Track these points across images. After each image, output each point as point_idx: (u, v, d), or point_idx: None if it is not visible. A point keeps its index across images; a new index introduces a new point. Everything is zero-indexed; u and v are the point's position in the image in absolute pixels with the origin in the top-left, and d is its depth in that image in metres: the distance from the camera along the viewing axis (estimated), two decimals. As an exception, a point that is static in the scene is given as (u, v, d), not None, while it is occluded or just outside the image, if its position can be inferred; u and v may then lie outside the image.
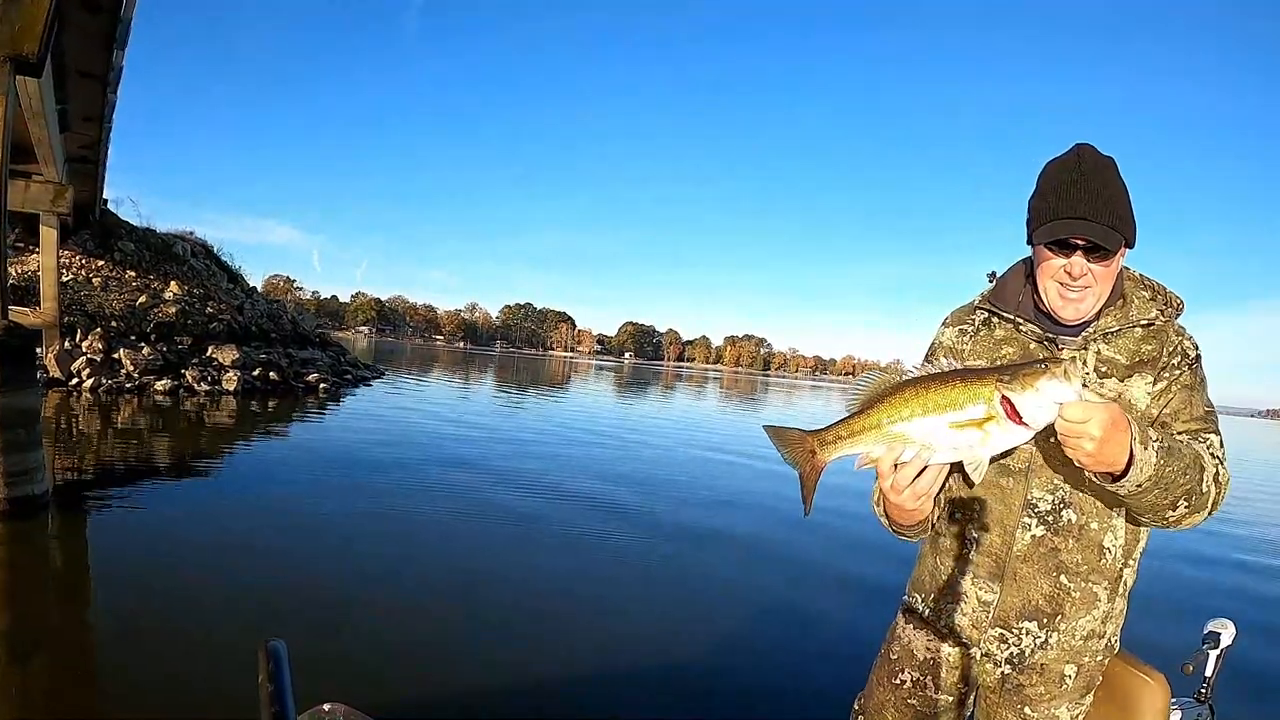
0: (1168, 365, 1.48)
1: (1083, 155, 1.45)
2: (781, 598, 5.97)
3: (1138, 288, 1.57)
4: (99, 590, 5.15)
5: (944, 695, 1.62)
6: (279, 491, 8.16)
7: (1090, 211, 1.39)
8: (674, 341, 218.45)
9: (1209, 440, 1.43)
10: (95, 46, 10.02)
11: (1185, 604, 6.71)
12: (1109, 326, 1.51)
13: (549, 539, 7.12)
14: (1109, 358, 1.50)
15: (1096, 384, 1.48)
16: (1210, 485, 1.36)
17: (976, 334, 1.65)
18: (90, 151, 16.56)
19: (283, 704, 0.79)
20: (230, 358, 18.84)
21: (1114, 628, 1.56)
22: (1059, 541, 1.48)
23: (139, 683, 3.71)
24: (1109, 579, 1.50)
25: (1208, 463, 1.36)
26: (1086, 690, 1.56)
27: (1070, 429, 1.14)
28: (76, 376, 16.00)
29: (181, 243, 23.97)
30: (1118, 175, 1.45)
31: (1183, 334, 1.53)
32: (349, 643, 4.33)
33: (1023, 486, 1.51)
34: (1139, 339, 1.51)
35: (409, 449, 11.69)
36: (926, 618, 1.65)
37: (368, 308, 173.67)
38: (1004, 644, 1.53)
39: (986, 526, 1.55)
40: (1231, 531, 10.93)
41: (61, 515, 6.70)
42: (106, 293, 19.37)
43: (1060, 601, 1.49)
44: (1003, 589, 1.52)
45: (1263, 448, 43.02)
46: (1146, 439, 1.23)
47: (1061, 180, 1.43)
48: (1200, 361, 1.52)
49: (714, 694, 4.16)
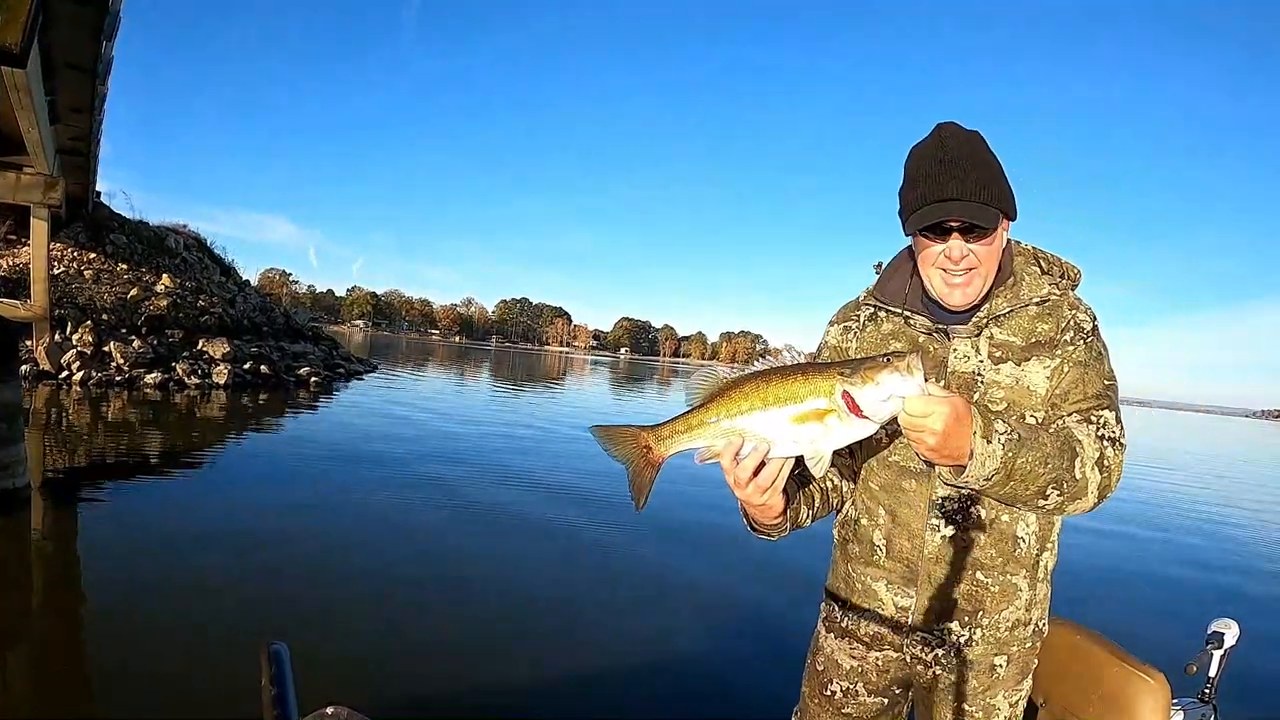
0: (1061, 343, 1.42)
1: (944, 135, 1.40)
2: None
3: (1028, 264, 1.51)
4: (82, 586, 5.12)
5: (877, 699, 1.59)
6: (267, 486, 8.15)
7: (960, 191, 1.34)
8: (670, 337, 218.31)
9: (1100, 418, 1.35)
10: (83, 38, 9.92)
11: (1187, 604, 6.75)
12: (1000, 309, 1.45)
13: (548, 538, 7.09)
14: (1003, 341, 1.44)
15: (992, 369, 1.42)
16: (1087, 472, 1.29)
17: (862, 330, 1.61)
18: (81, 144, 16.43)
19: (285, 707, 0.77)
20: (221, 351, 18.78)
21: (1040, 612, 1.53)
22: (970, 539, 1.45)
23: (127, 681, 3.67)
24: (1026, 568, 1.47)
25: (1085, 448, 1.30)
26: (1022, 676, 1.53)
27: (912, 423, 1.11)
28: (67, 370, 15.92)
29: (174, 236, 23.88)
30: (985, 149, 1.40)
31: (1077, 306, 1.46)
32: (339, 641, 4.28)
33: (927, 488, 1.46)
34: (1034, 318, 1.45)
35: (401, 444, 11.67)
36: (846, 627, 1.60)
37: (364, 302, 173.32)
38: (928, 646, 1.50)
39: (894, 531, 1.51)
40: (1233, 534, 11.04)
41: (48, 510, 6.68)
42: (98, 286, 19.27)
43: (979, 598, 1.46)
44: (918, 592, 1.49)
45: (1257, 448, 43.11)
46: (991, 432, 1.18)
47: (927, 164, 1.38)
48: (1097, 332, 1.45)
49: (711, 694, 4.13)
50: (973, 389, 1.42)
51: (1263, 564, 9.18)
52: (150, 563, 5.36)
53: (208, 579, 5.08)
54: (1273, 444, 50.86)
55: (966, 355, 1.45)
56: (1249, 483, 19.24)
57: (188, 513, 6.78)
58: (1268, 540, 10.89)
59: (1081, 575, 7.36)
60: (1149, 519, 11.55)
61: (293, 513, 7.01)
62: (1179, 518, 12.08)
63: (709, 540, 7.45)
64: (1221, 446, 41.04)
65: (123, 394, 15.22)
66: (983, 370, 1.43)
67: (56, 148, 16.15)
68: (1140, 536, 9.99)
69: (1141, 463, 21.98)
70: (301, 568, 5.50)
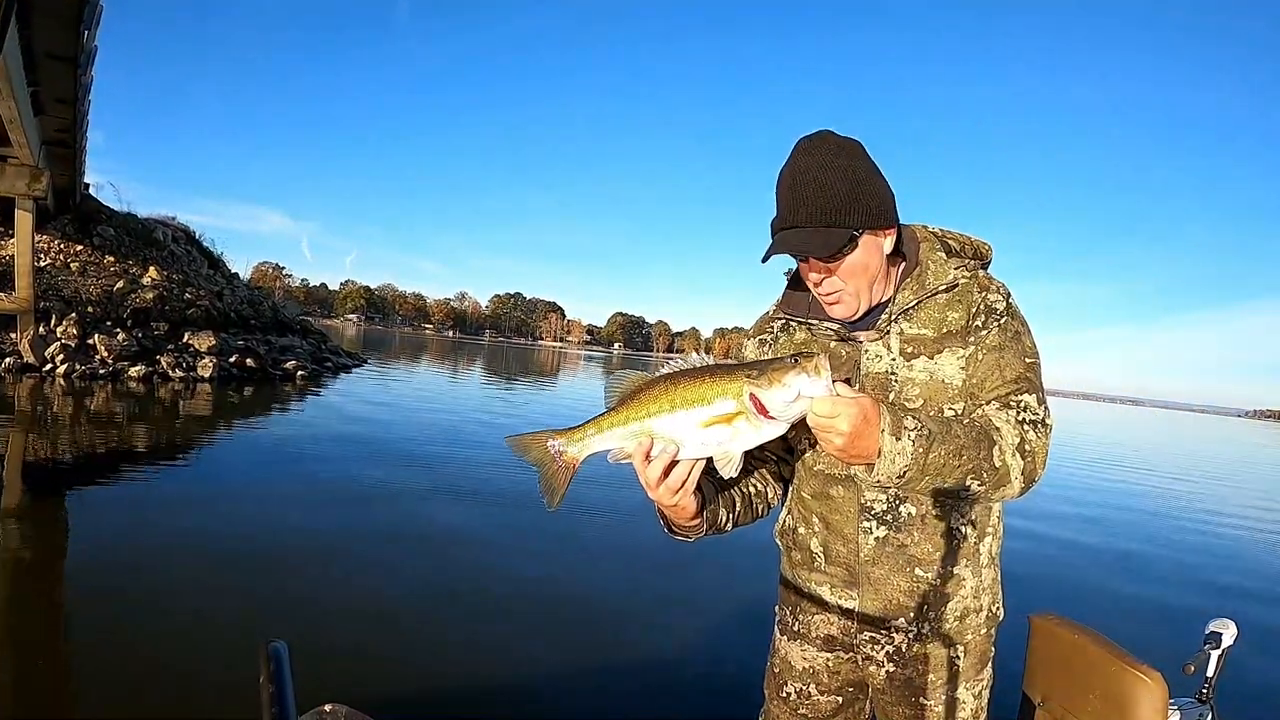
0: (973, 329, 1.39)
1: (796, 156, 1.36)
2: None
3: (933, 249, 1.46)
4: (66, 581, 5.05)
5: (830, 699, 1.60)
6: (253, 480, 8.13)
7: (804, 217, 1.32)
8: (664, 333, 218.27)
9: (1020, 402, 1.33)
10: (62, 27, 9.85)
11: (1185, 604, 6.75)
12: (906, 302, 1.42)
13: (546, 535, 7.04)
14: (914, 335, 1.42)
15: (905, 367, 1.41)
16: (1008, 459, 1.28)
17: (776, 342, 1.61)
18: (67, 135, 16.31)
19: (284, 705, 0.79)
20: (207, 344, 18.70)
21: (990, 598, 1.53)
22: (904, 538, 1.45)
23: (125, 681, 3.60)
24: (967, 557, 1.47)
25: (1004, 435, 1.29)
26: (981, 666, 1.53)
27: (820, 423, 1.13)
28: (51, 362, 15.85)
29: (163, 228, 23.76)
30: (839, 161, 1.33)
31: (988, 288, 1.42)
32: (337, 639, 4.22)
33: (854, 492, 1.48)
34: (943, 307, 1.42)
35: (392, 440, 11.65)
36: (798, 630, 1.63)
37: (357, 296, 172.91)
38: (877, 645, 1.52)
39: (829, 538, 1.53)
40: (1232, 534, 11.09)
41: (31, 502, 6.65)
42: (84, 278, 19.16)
43: (922, 594, 1.46)
44: (861, 594, 1.50)
45: (1254, 448, 43.28)
46: (900, 429, 1.19)
47: (780, 186, 1.37)
48: (1011, 312, 1.41)
49: (716, 692, 4.08)
50: (888, 389, 1.42)
51: (1261, 564, 9.23)
52: (140, 557, 5.31)
53: (201, 575, 5.03)
54: (1267, 444, 51.01)
55: (879, 355, 1.44)
56: (1249, 483, 19.33)
57: (165, 507, 6.74)
58: (1267, 540, 10.95)
59: (1080, 574, 7.39)
60: (1148, 518, 11.62)
61: (287, 508, 6.98)
62: (1178, 517, 12.12)
63: (722, 543, 7.27)
64: (1219, 446, 41.26)
65: (106, 386, 15.15)
66: (896, 368, 1.42)
67: (42, 139, 16.03)
68: (1139, 536, 10.03)
69: (1142, 462, 22.12)
70: (296, 564, 5.45)
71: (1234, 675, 2.30)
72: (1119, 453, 25.18)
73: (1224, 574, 8.38)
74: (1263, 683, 4.90)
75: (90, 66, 13.12)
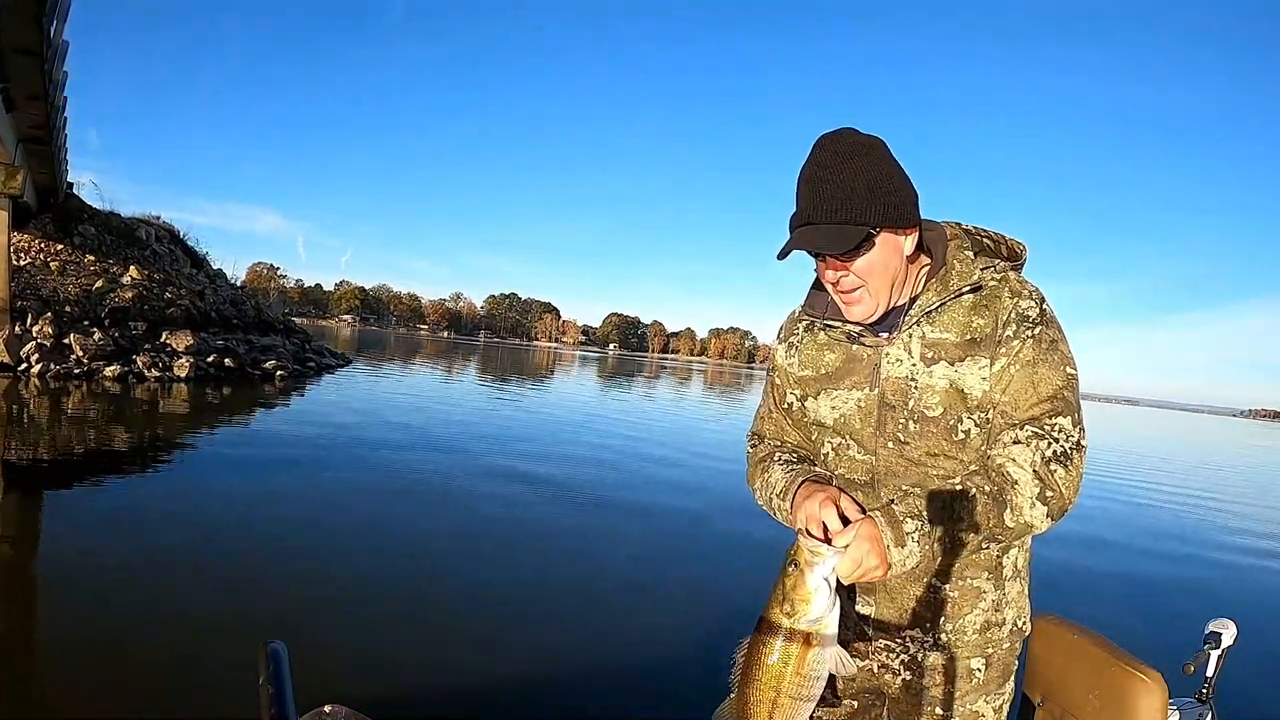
0: (1003, 339, 1.31)
1: (816, 152, 1.31)
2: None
3: (960, 248, 1.40)
4: (44, 583, 4.92)
5: (846, 703, 1.56)
6: (235, 480, 7.97)
7: (823, 213, 1.27)
8: (659, 333, 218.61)
9: (1054, 426, 1.28)
10: (26, 21, 9.72)
11: (1186, 604, 6.73)
12: (930, 303, 1.35)
13: (553, 535, 6.98)
14: (936, 340, 1.35)
15: (925, 373, 1.35)
16: (1024, 517, 1.25)
17: (801, 343, 1.55)
18: (42, 132, 16.18)
19: (283, 706, 0.78)
20: (185, 344, 18.56)
21: (1015, 611, 1.46)
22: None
23: (122, 680, 3.54)
24: (988, 569, 1.41)
25: (1021, 490, 1.25)
26: (1004, 679, 1.48)
27: (854, 575, 1.13)
28: (26, 362, 15.71)
29: (145, 227, 23.63)
30: (862, 158, 1.28)
31: (1019, 293, 1.34)
32: (336, 638, 4.18)
33: (873, 499, 1.40)
34: (969, 309, 1.35)
35: (382, 438, 11.52)
36: None
37: (352, 296, 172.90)
38: (892, 653, 1.48)
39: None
40: (1232, 533, 11.06)
41: (6, 504, 6.51)
42: (63, 277, 19.03)
43: (938, 604, 1.42)
44: (876, 603, 1.47)
45: (1251, 448, 43.39)
46: (902, 537, 1.18)
47: (800, 181, 1.32)
48: (1045, 319, 1.32)
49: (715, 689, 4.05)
50: (907, 394, 1.36)
51: (1261, 563, 9.19)
52: (130, 556, 5.20)
53: (194, 574, 4.96)
54: (1265, 444, 51.21)
55: (899, 359, 1.38)
56: (1247, 483, 19.36)
57: (155, 507, 6.61)
58: (1266, 540, 10.90)
59: (1080, 574, 7.34)
60: (1148, 518, 11.59)
61: (281, 506, 6.91)
62: (1178, 517, 12.10)
63: (741, 546, 7.13)
64: (1217, 446, 41.45)
65: (81, 386, 15.00)
66: (916, 374, 1.36)
67: (18, 136, 15.90)
68: (1138, 535, 9.99)
69: (1142, 463, 22.12)
70: (292, 564, 5.38)
71: (1234, 675, 2.29)
72: (1119, 453, 25.20)
73: (1224, 574, 8.35)
74: (1263, 682, 4.87)
75: (61, 61, 12.99)
